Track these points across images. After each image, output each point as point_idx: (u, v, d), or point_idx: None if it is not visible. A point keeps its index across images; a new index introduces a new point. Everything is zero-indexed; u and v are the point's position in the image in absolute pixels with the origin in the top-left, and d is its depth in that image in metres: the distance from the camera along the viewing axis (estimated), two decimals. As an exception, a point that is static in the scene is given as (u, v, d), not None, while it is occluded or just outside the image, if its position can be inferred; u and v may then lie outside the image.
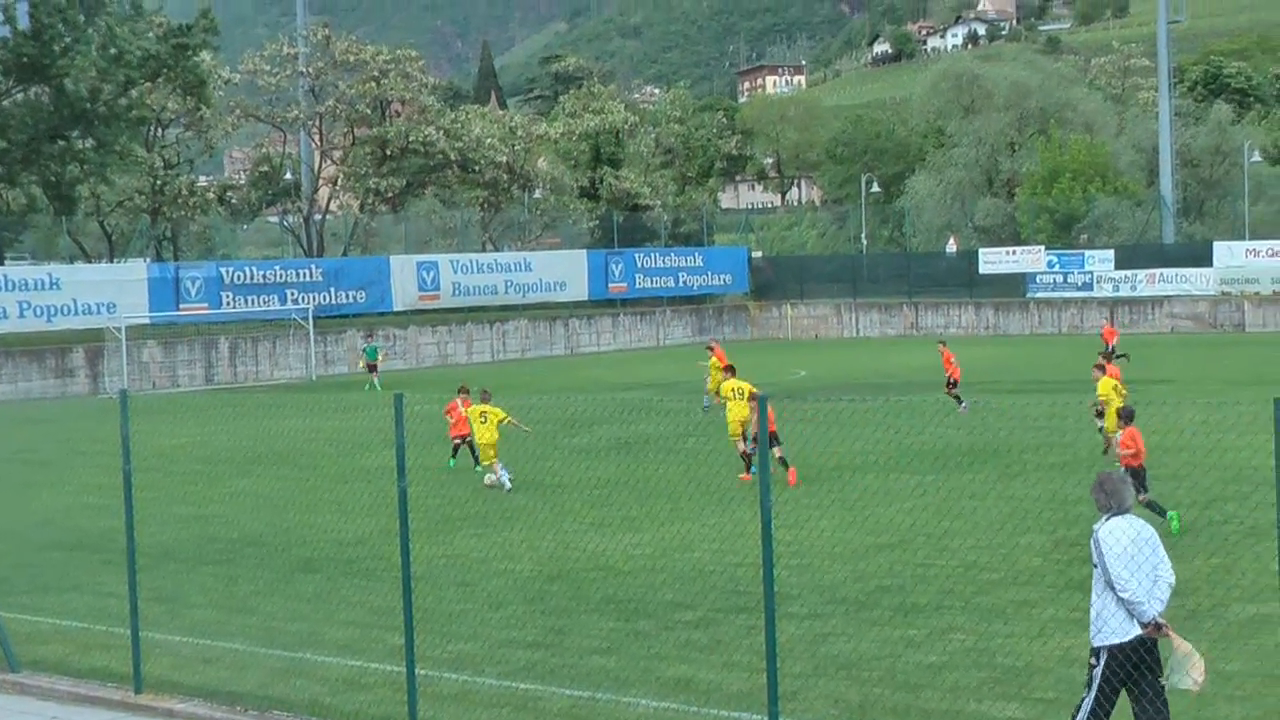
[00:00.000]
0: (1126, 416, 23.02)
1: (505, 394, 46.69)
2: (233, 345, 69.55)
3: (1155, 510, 21.57)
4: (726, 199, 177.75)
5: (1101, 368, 31.24)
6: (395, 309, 76.35)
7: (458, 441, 32.43)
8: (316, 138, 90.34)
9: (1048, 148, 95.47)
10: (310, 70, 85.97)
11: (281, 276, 72.19)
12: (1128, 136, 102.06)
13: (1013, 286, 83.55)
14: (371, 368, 62.11)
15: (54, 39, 69.72)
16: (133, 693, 15.71)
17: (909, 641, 16.30)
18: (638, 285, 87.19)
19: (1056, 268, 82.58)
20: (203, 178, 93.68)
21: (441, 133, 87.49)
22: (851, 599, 18.56)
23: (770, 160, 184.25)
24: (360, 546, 23.15)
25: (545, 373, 64.34)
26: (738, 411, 30.16)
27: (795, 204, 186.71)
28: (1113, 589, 10.96)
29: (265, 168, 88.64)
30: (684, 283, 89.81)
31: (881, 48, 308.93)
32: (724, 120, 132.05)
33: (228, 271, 70.75)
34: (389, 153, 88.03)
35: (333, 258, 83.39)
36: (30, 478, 34.81)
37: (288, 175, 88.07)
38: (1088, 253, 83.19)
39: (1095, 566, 11.10)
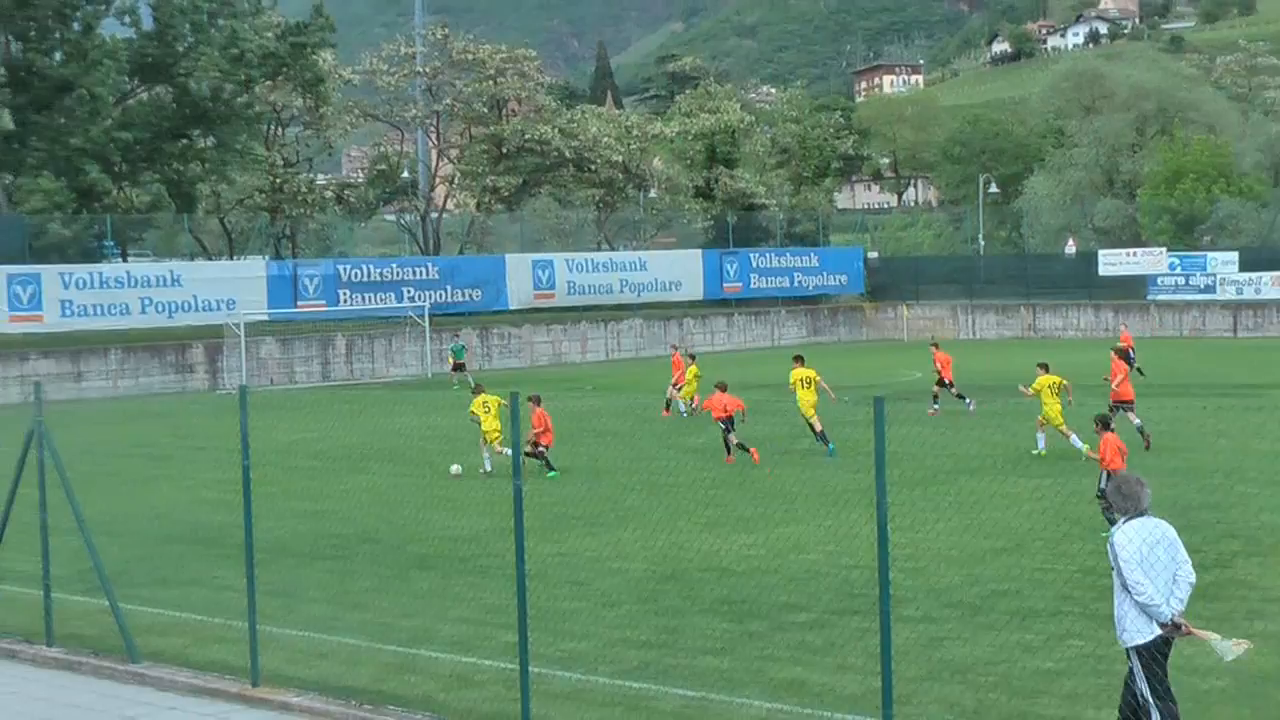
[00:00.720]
0: (1103, 423, 22.93)
1: (618, 394, 46.77)
2: (349, 342, 70.15)
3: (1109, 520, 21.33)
4: (842, 199, 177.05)
5: (1045, 366, 32.53)
6: (510, 307, 76.67)
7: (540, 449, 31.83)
8: (433, 136, 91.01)
9: (1170, 148, 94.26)
10: (427, 70, 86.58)
11: (398, 274, 72.75)
12: (1253, 137, 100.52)
13: (1133, 289, 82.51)
14: (458, 367, 62.22)
15: (177, 39, 70.74)
16: (250, 685, 15.86)
17: (1025, 646, 16.13)
18: (752, 285, 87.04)
19: (1178, 270, 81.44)
20: (321, 176, 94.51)
21: (557, 132, 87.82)
22: (966, 603, 18.40)
23: (886, 160, 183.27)
24: (473, 544, 23.23)
25: (659, 372, 64.32)
26: (808, 398, 34.51)
27: (911, 204, 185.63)
28: (1128, 591, 11.12)
29: (383, 166, 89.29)
30: (799, 283, 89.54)
31: (1000, 47, 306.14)
32: (840, 120, 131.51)
33: (345, 269, 71.39)
34: (505, 151, 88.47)
35: (448, 256, 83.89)
36: (150, 472, 35.27)
37: (405, 174, 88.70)
38: (1210, 255, 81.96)
39: (1113, 570, 11.24)
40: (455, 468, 31.94)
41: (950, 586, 19.28)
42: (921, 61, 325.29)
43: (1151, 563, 11.14)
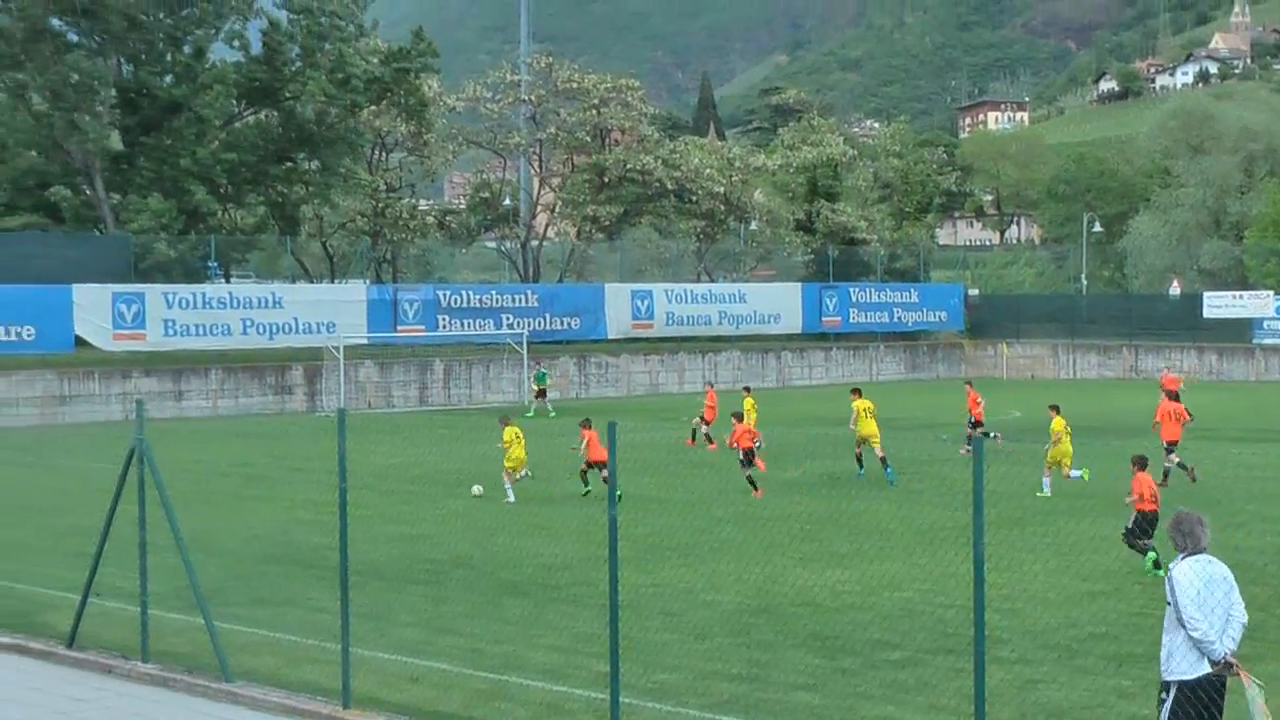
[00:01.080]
0: (1140, 463, 23.46)
1: (715, 425, 46.68)
2: (447, 368, 70.52)
3: (1138, 551, 22.99)
4: (944, 235, 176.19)
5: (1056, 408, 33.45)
6: (608, 336, 76.80)
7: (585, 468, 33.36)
8: (536, 164, 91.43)
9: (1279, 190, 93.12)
10: (532, 98, 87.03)
11: (497, 301, 73.10)
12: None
13: (1238, 331, 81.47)
14: (541, 393, 62.24)
15: (285, 63, 71.60)
16: (340, 708, 15.92)
17: (1121, 692, 15.93)
18: (851, 320, 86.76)
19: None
20: (423, 201, 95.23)
21: (659, 162, 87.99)
22: (1062, 645, 18.20)
23: (990, 197, 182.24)
24: (566, 572, 23.24)
25: (756, 405, 64.16)
26: (870, 427, 36.27)
27: (1014, 242, 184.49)
28: (1184, 627, 11.10)
29: (485, 193, 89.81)
30: (898, 318, 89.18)
31: (1107, 85, 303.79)
32: (943, 155, 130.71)
33: (445, 295, 71.80)
34: (607, 181, 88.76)
35: (548, 284, 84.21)
36: (247, 491, 35.57)
37: (506, 201, 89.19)
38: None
39: (1169, 604, 11.23)
40: (477, 488, 33.49)
41: (1046, 629, 19.08)
42: (1027, 99, 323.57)
43: (1208, 600, 11.16)
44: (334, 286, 75.82)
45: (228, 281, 74.16)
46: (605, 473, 30.55)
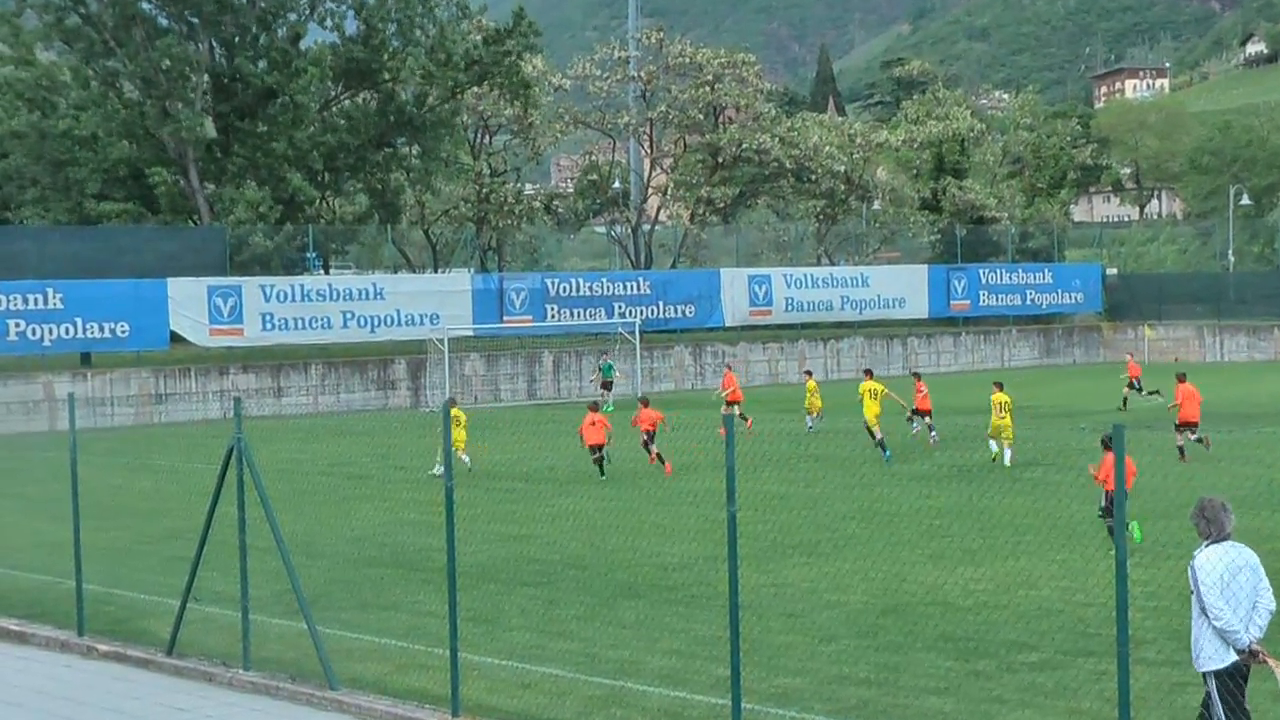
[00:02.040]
0: (1105, 443, 24.66)
1: (837, 416, 46.58)
2: (556, 359, 70.78)
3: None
4: (1079, 212, 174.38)
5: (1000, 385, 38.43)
6: (725, 324, 76.77)
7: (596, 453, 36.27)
8: (646, 145, 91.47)
9: None
10: (642, 75, 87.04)
11: (608, 289, 73.27)
12: None
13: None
14: (607, 385, 62.29)
15: (383, 43, 72.07)
16: (450, 715, 15.99)
17: (1275, 695, 15.69)
18: (981, 303, 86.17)
19: None
20: (529, 186, 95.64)
21: (776, 140, 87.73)
22: (1212, 646, 17.94)
23: (1128, 170, 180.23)
24: (684, 572, 23.25)
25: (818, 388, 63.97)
26: (874, 408, 39.89)
27: (1154, 218, 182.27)
28: (1206, 616, 11.46)
29: (593, 176, 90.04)
30: (1031, 301, 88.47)
31: (1255, 48, 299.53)
32: (1078, 127, 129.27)
33: (553, 283, 72.07)
34: (721, 161, 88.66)
35: (661, 270, 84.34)
36: (349, 491, 35.85)
37: (616, 184, 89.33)
38: None
39: (1193, 593, 11.58)
40: (438, 468, 34.60)
41: (1194, 628, 18.83)
42: (1167, 64, 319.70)
43: (1233, 589, 11.41)
44: (437, 276, 76.28)
45: (327, 273, 74.87)
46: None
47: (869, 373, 43.13)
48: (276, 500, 18.43)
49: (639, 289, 74.32)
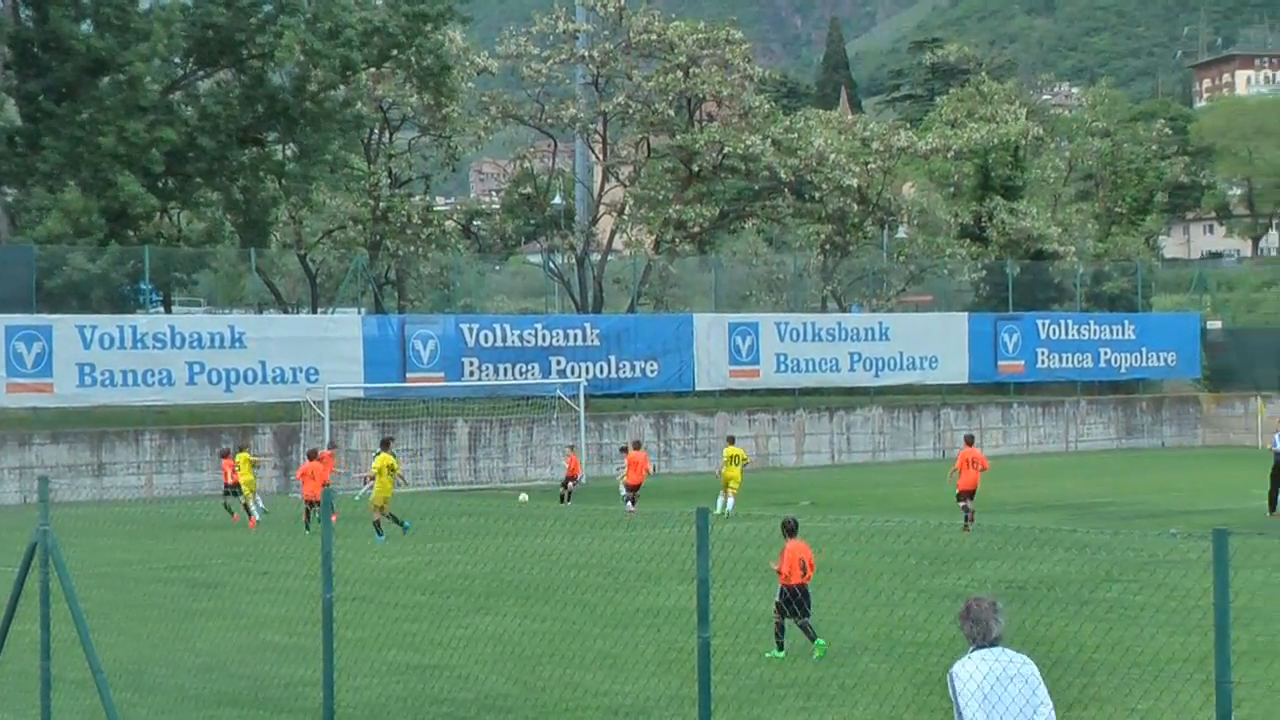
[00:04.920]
0: (788, 529, 27.84)
1: (848, 511, 46.60)
2: (474, 431, 70.70)
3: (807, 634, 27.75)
4: (1172, 245, 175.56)
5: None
6: (698, 387, 76.85)
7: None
8: (598, 148, 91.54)
9: None
10: (594, 55, 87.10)
11: (544, 338, 73.31)
12: None
13: None
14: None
15: (250, 7, 71.87)
16: None
17: None
18: (1039, 364, 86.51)
19: None
20: (442, 200, 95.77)
21: (770, 144, 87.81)
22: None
23: (1238, 191, 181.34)
24: (640, 718, 23.20)
25: (904, 482, 64.10)
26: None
27: (1273, 254, 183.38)
28: None
29: (527, 188, 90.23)
30: (1107, 362, 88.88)
31: None
32: (1170, 133, 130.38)
33: (471, 329, 72.04)
34: (697, 170, 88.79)
35: (615, 314, 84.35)
36: (195, 604, 35.64)
37: (557, 199, 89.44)
38: None
39: (954, 706, 12.36)
40: (523, 496, 36.50)
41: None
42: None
43: (998, 701, 12.10)
44: (317, 318, 76.26)
45: (168, 310, 74.78)
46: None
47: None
48: (94, 615, 18.29)
49: (586, 339, 74.38)
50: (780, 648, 27.74)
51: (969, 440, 50.51)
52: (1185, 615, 28.68)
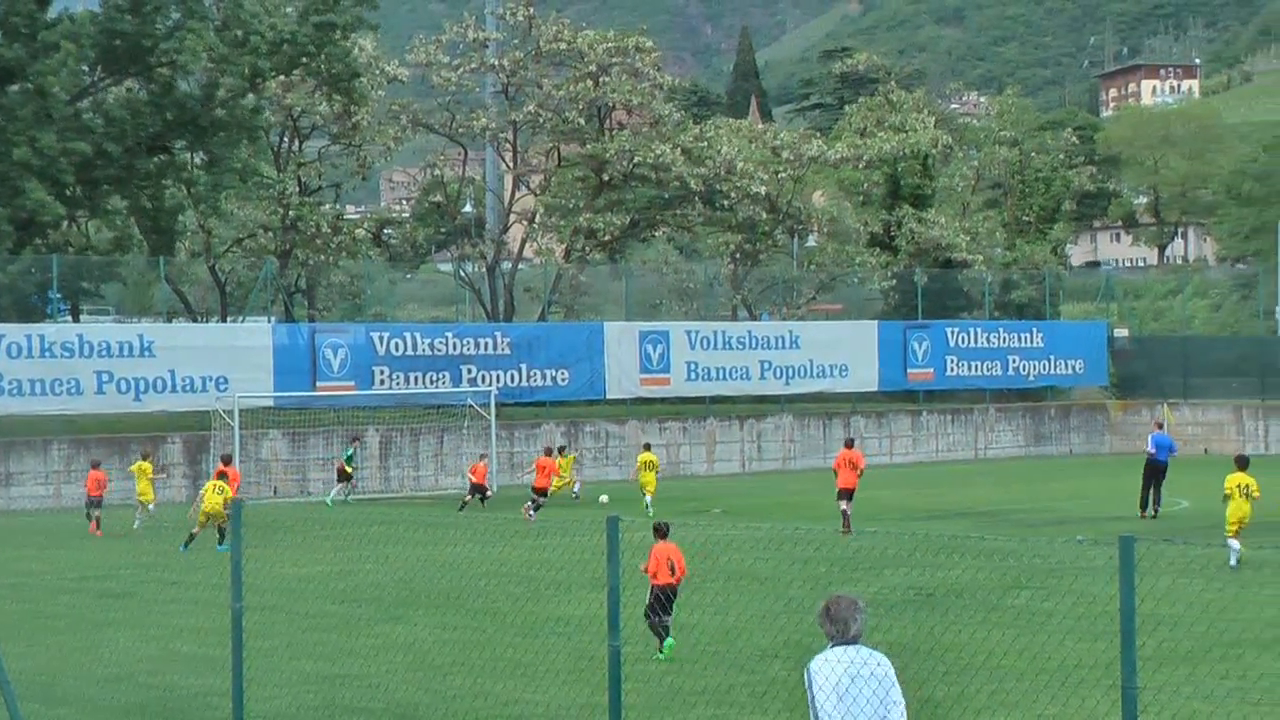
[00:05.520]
0: (660, 532, 28.56)
1: (758, 519, 46.67)
2: (385, 440, 70.56)
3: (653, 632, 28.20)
4: (1079, 253, 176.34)
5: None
6: (609, 396, 76.83)
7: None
8: (509, 156, 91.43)
9: None
10: (504, 64, 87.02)
11: (456, 347, 73.19)
12: None
13: None
14: (344, 475, 63.37)
15: (158, 14, 71.52)
16: None
17: None
18: (949, 372, 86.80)
19: None
20: (353, 208, 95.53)
21: (680, 153, 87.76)
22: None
23: (1144, 200, 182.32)
24: (552, 727, 23.21)
25: (815, 490, 64.22)
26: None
27: (1179, 262, 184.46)
28: None
29: (437, 196, 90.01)
30: (1016, 370, 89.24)
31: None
32: (1077, 142, 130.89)
33: (382, 338, 71.87)
34: (608, 179, 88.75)
35: (526, 322, 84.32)
36: (103, 615, 35.47)
37: (467, 207, 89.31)
38: None
39: (810, 704, 12.66)
40: (604, 498, 39.06)
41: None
42: (1198, 61, 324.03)
43: (851, 699, 12.43)
44: (227, 327, 75.98)
45: (76, 319, 74.42)
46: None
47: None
48: (2, 627, 18.22)
49: (496, 347, 74.27)
50: (661, 650, 27.87)
51: (848, 443, 52.28)
52: (1092, 621, 28.92)
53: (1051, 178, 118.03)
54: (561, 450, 63.83)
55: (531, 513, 53.99)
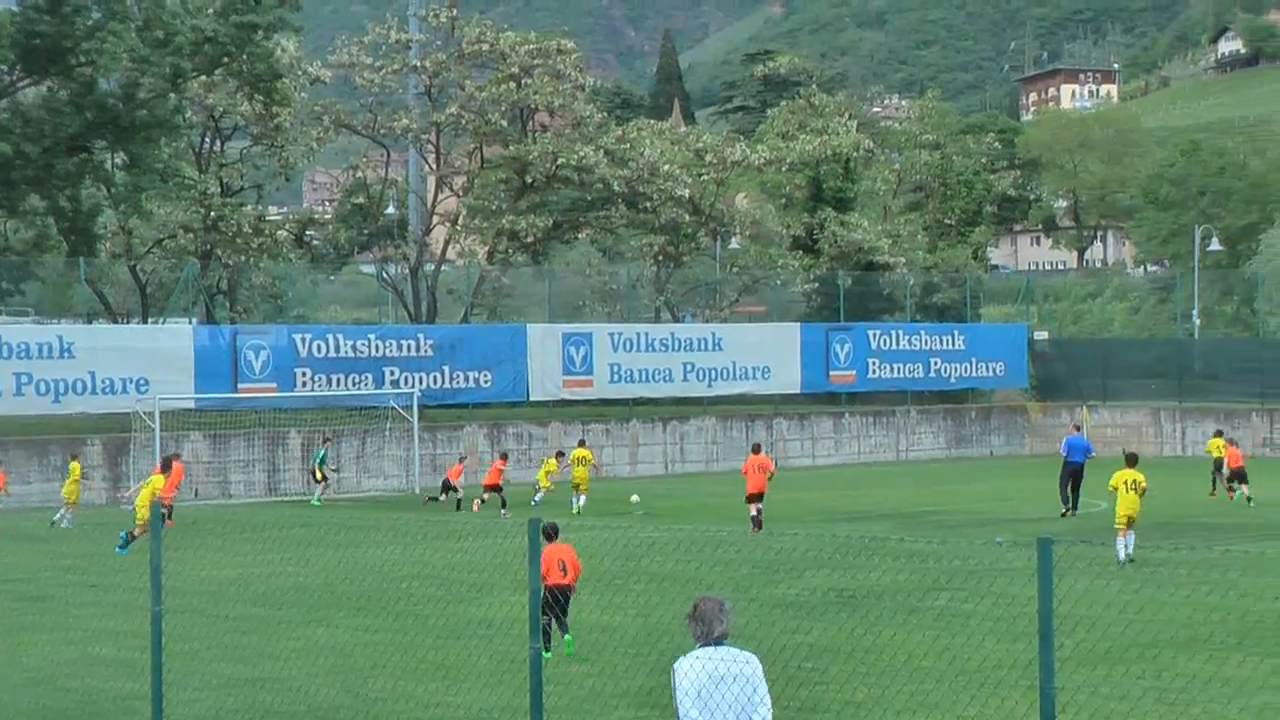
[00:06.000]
0: (548, 535, 28.12)
1: (680, 520, 46.69)
2: (307, 442, 70.32)
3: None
4: (999, 256, 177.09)
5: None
6: (531, 398, 76.78)
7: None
8: (432, 157, 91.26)
9: None
10: (426, 65, 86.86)
11: (378, 349, 73.01)
12: None
13: None
14: (319, 477, 63.68)
15: (77, 14, 71.16)
16: None
17: None
18: (870, 374, 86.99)
19: None
20: (275, 209, 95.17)
21: (603, 155, 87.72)
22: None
23: (1063, 204, 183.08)
24: (473, 730, 23.19)
25: (737, 492, 64.34)
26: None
27: (1097, 266, 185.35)
28: None
29: (360, 198, 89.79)
30: (937, 372, 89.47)
31: (1230, 45, 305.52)
32: (998, 146, 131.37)
33: (304, 340, 71.62)
34: (530, 181, 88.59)
35: (449, 324, 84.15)
36: (22, 619, 35.30)
37: (390, 209, 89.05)
38: None
39: (674, 702, 12.73)
40: (635, 497, 46.55)
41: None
42: (1117, 66, 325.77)
43: (715, 699, 12.49)
44: (148, 328, 75.59)
45: (-5, 321, 73.82)
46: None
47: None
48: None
49: (419, 349, 74.10)
50: (547, 649, 27.05)
51: (755, 448, 53.32)
52: (1011, 622, 29.04)
53: (973, 181, 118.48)
54: (559, 455, 64.19)
55: (475, 505, 57.13)
